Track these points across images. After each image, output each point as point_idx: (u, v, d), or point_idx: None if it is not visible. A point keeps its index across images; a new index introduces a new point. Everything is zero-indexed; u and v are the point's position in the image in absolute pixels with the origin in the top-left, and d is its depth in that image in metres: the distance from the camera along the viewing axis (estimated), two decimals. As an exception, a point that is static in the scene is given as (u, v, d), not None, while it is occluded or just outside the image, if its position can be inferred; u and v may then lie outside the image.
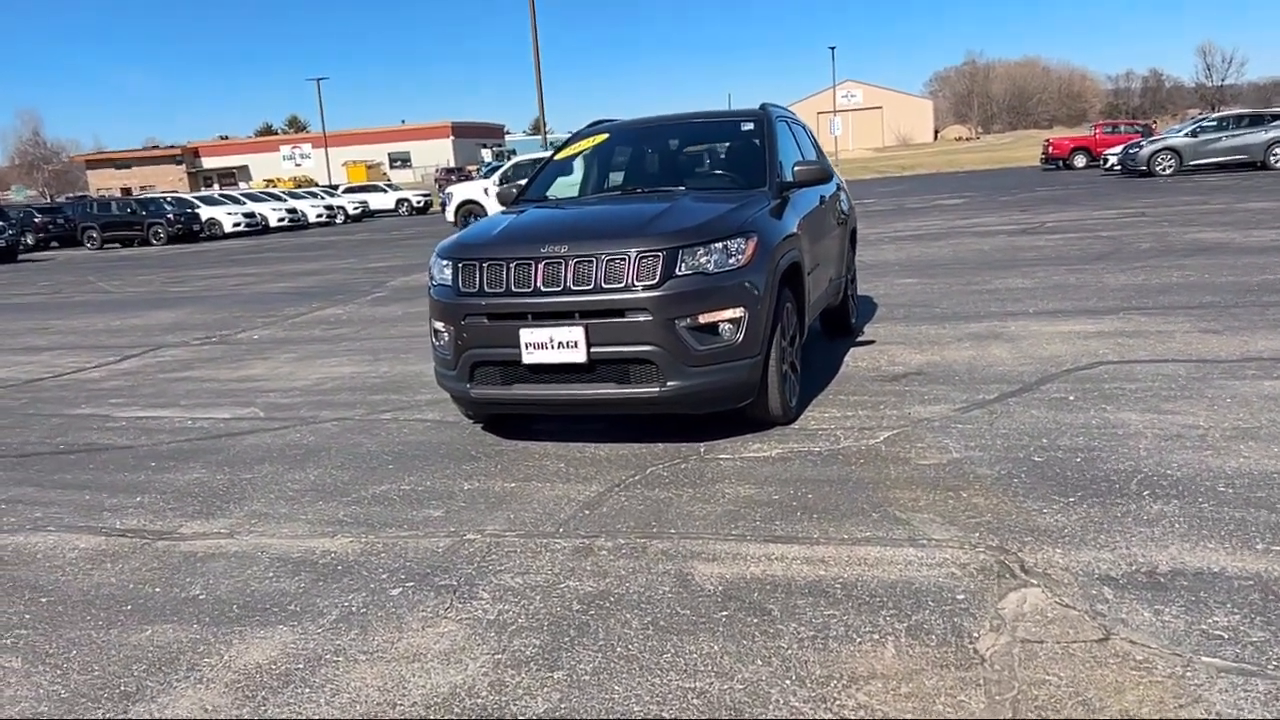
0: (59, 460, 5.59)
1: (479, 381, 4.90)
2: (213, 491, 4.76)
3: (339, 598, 3.39)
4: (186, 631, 3.21)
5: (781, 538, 3.62)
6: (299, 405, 6.62)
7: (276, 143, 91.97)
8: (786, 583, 3.22)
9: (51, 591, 3.64)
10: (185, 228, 33.67)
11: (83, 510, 4.61)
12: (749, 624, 2.96)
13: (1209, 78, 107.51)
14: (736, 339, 4.67)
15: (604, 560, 3.54)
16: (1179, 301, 7.96)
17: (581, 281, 4.62)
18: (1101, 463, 4.17)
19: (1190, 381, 5.42)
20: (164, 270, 21.36)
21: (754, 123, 6.18)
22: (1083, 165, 37.88)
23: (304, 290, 14.62)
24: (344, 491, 4.61)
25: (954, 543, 3.44)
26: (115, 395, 7.48)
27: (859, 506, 3.88)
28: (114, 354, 9.68)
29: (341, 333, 9.99)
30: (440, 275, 5.10)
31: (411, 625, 3.14)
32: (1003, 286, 9.56)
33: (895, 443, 4.71)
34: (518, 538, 3.84)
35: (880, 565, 3.30)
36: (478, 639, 3.01)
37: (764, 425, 5.12)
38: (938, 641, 2.77)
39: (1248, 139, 27.50)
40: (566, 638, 2.97)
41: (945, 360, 6.47)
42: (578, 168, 6.45)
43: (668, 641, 2.90)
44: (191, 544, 4.04)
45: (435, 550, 3.77)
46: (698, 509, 4.00)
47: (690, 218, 4.87)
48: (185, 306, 13.59)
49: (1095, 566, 3.17)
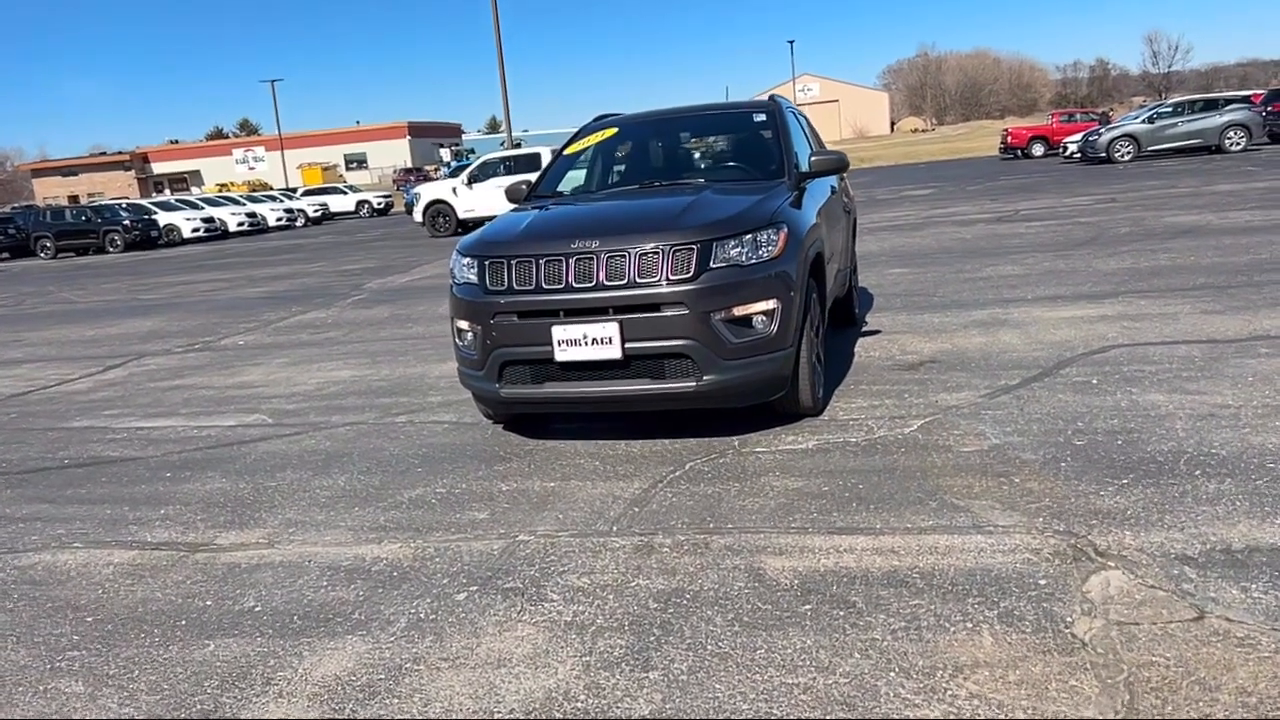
0: (67, 475, 5.42)
1: (508, 381, 4.82)
2: (240, 501, 4.63)
3: (403, 605, 3.30)
4: (251, 645, 3.11)
5: (844, 529, 3.59)
6: (306, 410, 6.48)
7: (229, 146, 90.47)
8: (863, 574, 3.20)
9: (95, 610, 3.51)
10: (142, 234, 32.94)
11: (106, 525, 4.46)
12: (836, 617, 2.93)
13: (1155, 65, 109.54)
14: (770, 331, 4.64)
15: (668, 558, 3.49)
16: (1174, 284, 8.06)
17: (614, 276, 4.56)
18: (1144, 444, 4.20)
19: (1207, 362, 5.48)
20: (128, 278, 20.90)
21: (766, 114, 6.15)
22: (1041, 154, 38.42)
23: (280, 294, 14.37)
24: (378, 497, 4.51)
25: (1020, 528, 3.44)
26: (108, 406, 7.28)
27: (913, 495, 3.87)
28: (95, 364, 9.43)
29: (331, 336, 9.82)
30: (463, 274, 5.01)
31: (487, 630, 3.06)
32: (995, 274, 9.64)
33: (930, 431, 4.71)
34: (572, 537, 3.78)
35: (953, 553, 3.29)
36: (560, 641, 2.95)
37: (793, 418, 5.09)
38: (1033, 627, 2.75)
39: (1203, 124, 28.06)
40: (652, 637, 2.92)
41: (957, 348, 6.49)
42: (587, 162, 6.38)
43: (757, 637, 2.85)
44: (232, 555, 3.93)
45: (490, 553, 3.69)
46: (750, 503, 3.96)
47: (720, 210, 4.83)
48: (160, 314, 13.30)
49: (1169, 547, 3.17)
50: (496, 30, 33.38)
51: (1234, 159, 24.81)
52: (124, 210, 34.55)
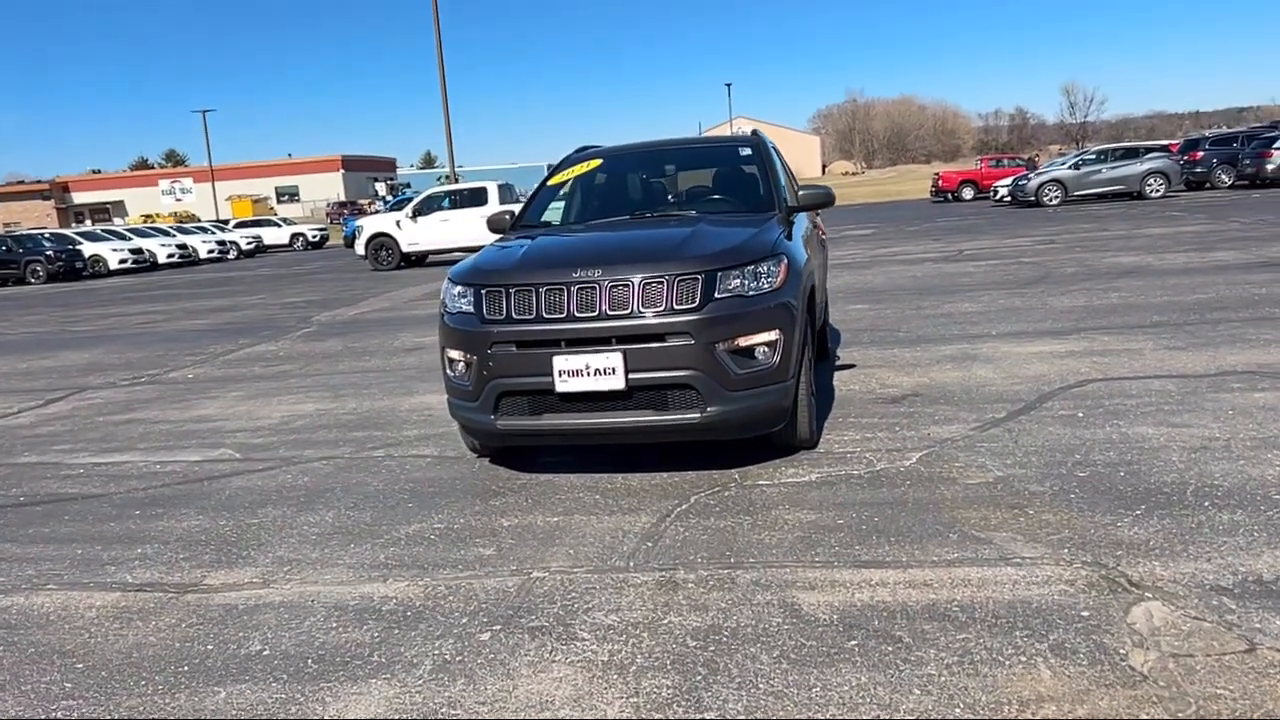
0: (26, 513, 5.10)
1: (505, 412, 4.68)
2: (222, 539, 4.40)
3: (424, 646, 3.14)
4: (267, 691, 2.92)
5: (871, 562, 3.54)
6: (275, 445, 6.23)
7: (155, 177, 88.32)
8: (901, 608, 3.14)
9: (84, 656, 3.27)
10: (67, 265, 31.78)
11: (80, 565, 4.20)
12: (885, 652, 2.86)
13: (1072, 115, 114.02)
14: (773, 362, 4.60)
15: (695, 594, 3.39)
16: (1130, 321, 8.27)
17: (617, 306, 4.48)
18: (1147, 475, 4.24)
19: (1184, 396, 5.60)
20: (54, 309, 20.11)
21: (751, 148, 6.17)
22: (971, 197, 39.57)
23: (224, 327, 13.95)
24: (373, 533, 4.32)
25: (1048, 560, 3.43)
26: (57, 441, 6.92)
27: (931, 528, 3.84)
28: (34, 398, 8.99)
29: (286, 369, 9.52)
30: (456, 303, 4.88)
31: (521, 671, 2.93)
32: (955, 310, 9.79)
33: (930, 463, 4.71)
34: (589, 573, 3.66)
35: (987, 586, 3.25)
36: (602, 682, 2.82)
37: (789, 450, 5.05)
38: (1088, 660, 2.72)
39: (1125, 171, 29.23)
40: (698, 676, 2.81)
41: (935, 382, 6.54)
42: (570, 193, 6.31)
43: (809, 675, 2.77)
44: (226, 596, 3.71)
45: (506, 590, 3.55)
46: (767, 536, 3.89)
47: (721, 240, 4.80)
48: (95, 346, 12.78)
49: (1202, 577, 3.19)
50: (440, 67, 33.28)
51: (1156, 204, 25.83)
52: (47, 240, 33.43)
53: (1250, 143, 30.66)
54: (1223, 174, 30.86)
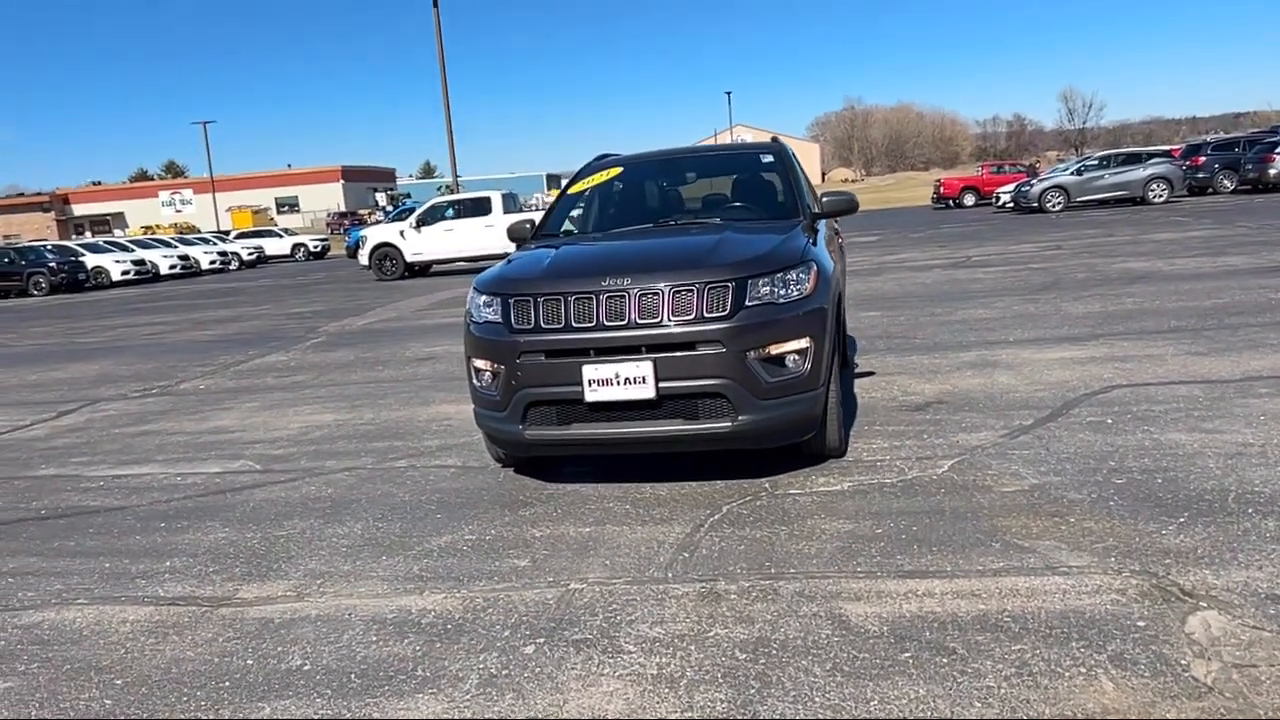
0: (49, 526, 5.06)
1: (533, 422, 4.64)
2: (251, 551, 4.36)
3: (468, 660, 3.10)
4: (312, 707, 2.88)
5: (914, 572, 3.50)
6: (295, 456, 6.19)
7: (155, 188, 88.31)
8: (951, 619, 3.10)
9: (122, 671, 3.22)
10: (69, 277, 31.78)
11: (109, 579, 4.15)
12: (941, 664, 2.82)
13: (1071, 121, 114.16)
14: (804, 370, 4.56)
15: (739, 605, 3.35)
16: (1148, 327, 8.24)
17: (647, 315, 4.45)
18: (1185, 483, 4.20)
19: (1212, 402, 5.56)
20: (60, 321, 20.08)
21: (773, 155, 6.15)
22: (973, 203, 39.62)
23: (232, 338, 13.91)
24: (403, 545, 4.28)
25: (1095, 569, 3.38)
26: (74, 454, 6.87)
27: (972, 537, 3.79)
28: (47, 410, 8.95)
29: (299, 380, 9.48)
30: (482, 312, 4.84)
31: (569, 685, 2.88)
32: (969, 317, 9.76)
33: (963, 471, 4.67)
34: (628, 585, 3.61)
35: (1037, 596, 3.21)
36: (654, 695, 2.78)
37: (818, 458, 5.01)
38: (1150, 671, 2.68)
39: (1128, 176, 29.26)
40: (751, 690, 2.77)
41: (958, 389, 6.50)
42: (591, 201, 6.28)
43: (865, 688, 2.73)
44: (261, 610, 3.67)
45: (545, 602, 3.51)
46: (805, 546, 3.84)
47: (750, 248, 4.77)
48: (104, 358, 12.74)
49: (1255, 586, 3.15)
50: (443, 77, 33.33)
51: (1160, 210, 25.83)
52: (49, 252, 33.40)
53: (1252, 148, 30.71)
54: (1225, 179, 30.91)
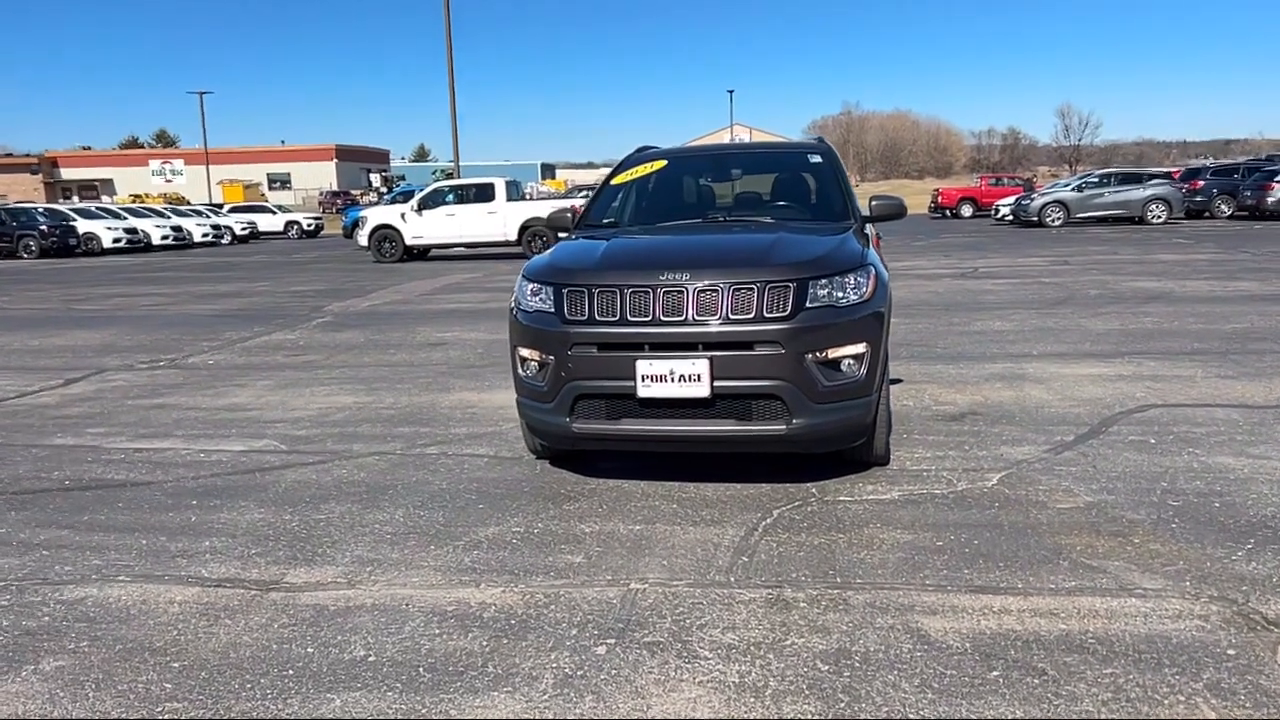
0: (75, 498, 4.93)
1: (581, 415, 4.56)
2: (292, 534, 4.26)
3: (539, 658, 3.01)
4: (384, 700, 2.79)
5: (985, 588, 3.44)
6: (320, 438, 6.08)
7: (145, 156, 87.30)
8: (1034, 638, 3.04)
9: (178, 655, 3.12)
10: (60, 241, 31.36)
11: (148, 556, 4.04)
12: (1033, 685, 2.76)
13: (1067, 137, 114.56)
14: (859, 375, 4.50)
15: (811, 614, 3.28)
16: (1172, 347, 8.23)
17: (705, 311, 4.37)
18: (1244, 508, 4.17)
19: (1253, 426, 5.54)
20: (55, 286, 19.79)
21: (821, 155, 6.08)
22: (970, 214, 39.73)
23: (235, 313, 13.73)
24: (450, 535, 4.19)
25: (1172, 593, 3.34)
26: (89, 424, 6.73)
27: (1038, 554, 3.74)
28: (52, 376, 8.79)
29: (310, 360, 9.34)
30: (532, 301, 4.75)
31: (650, 690, 2.80)
32: (987, 328, 9.74)
33: (1013, 485, 4.62)
34: (690, 587, 3.54)
35: (1118, 618, 3.16)
36: (740, 704, 2.71)
37: (861, 466, 4.96)
38: (1251, 702, 2.63)
39: (1129, 195, 29.39)
40: (840, 703, 2.70)
41: (990, 400, 6.46)
42: (634, 193, 6.18)
43: (959, 706, 2.66)
44: (313, 595, 3.57)
45: (609, 601, 3.43)
46: (867, 556, 3.78)
47: (810, 249, 4.70)
48: (105, 327, 12.54)
49: (1339, 617, 3.10)
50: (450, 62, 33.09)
51: (1160, 230, 25.96)
52: (41, 215, 32.94)
53: (1251, 174, 30.89)
54: (1223, 204, 31.10)
